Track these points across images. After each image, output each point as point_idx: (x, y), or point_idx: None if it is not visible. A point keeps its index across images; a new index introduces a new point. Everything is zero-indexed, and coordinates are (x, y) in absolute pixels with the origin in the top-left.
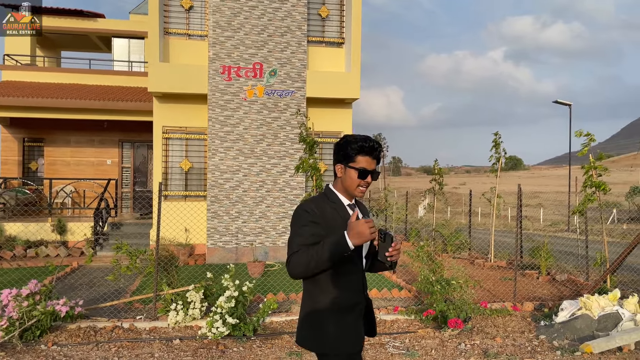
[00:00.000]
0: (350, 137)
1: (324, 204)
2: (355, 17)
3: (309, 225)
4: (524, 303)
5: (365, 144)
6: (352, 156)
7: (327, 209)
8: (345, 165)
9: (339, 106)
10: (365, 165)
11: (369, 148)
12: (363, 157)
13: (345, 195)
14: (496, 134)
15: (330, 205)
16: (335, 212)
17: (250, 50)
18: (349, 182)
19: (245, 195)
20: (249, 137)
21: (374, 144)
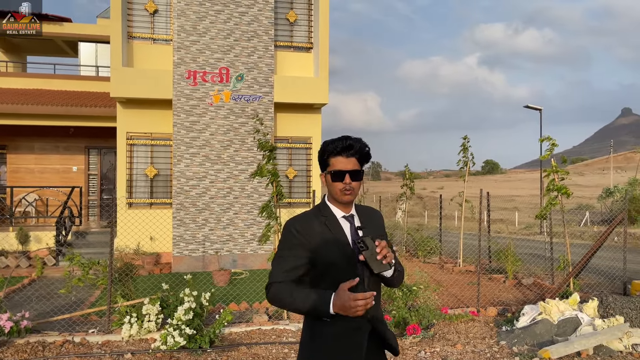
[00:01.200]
0: (325, 142)
1: (313, 219)
2: (323, 22)
3: (293, 250)
4: (487, 308)
5: (333, 145)
6: (326, 161)
7: (315, 225)
8: (324, 172)
9: (308, 111)
10: (340, 167)
11: (340, 148)
12: (336, 158)
13: (338, 206)
14: (465, 138)
15: (321, 219)
16: (325, 227)
17: (217, 54)
18: (331, 188)
19: (212, 202)
20: (215, 143)
21: (344, 143)
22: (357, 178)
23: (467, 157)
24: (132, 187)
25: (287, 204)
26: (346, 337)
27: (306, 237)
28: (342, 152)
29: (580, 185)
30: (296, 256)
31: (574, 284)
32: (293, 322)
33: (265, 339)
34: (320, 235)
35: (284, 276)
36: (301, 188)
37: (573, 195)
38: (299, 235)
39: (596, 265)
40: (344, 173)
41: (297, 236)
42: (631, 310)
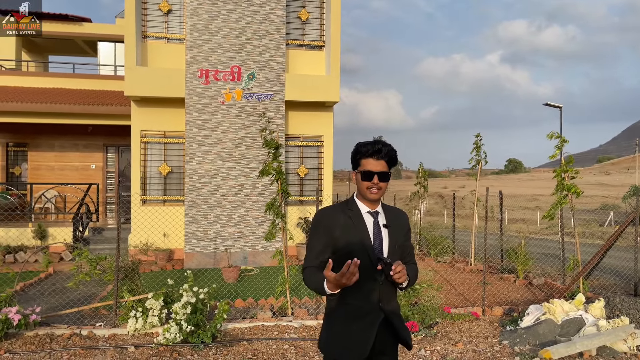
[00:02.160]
0: (357, 144)
1: (339, 212)
2: (335, 20)
3: (319, 237)
4: (493, 308)
5: (365, 148)
6: (358, 161)
7: (340, 217)
8: (355, 171)
9: (319, 109)
10: (369, 168)
11: (371, 151)
12: (366, 160)
13: (364, 202)
14: (477, 136)
15: (347, 213)
16: (350, 220)
17: (228, 53)
18: (359, 186)
19: (223, 200)
20: (227, 141)
21: (375, 146)
22: (385, 179)
23: (480, 155)
24: (146, 185)
25: (298, 201)
26: (357, 318)
27: (330, 226)
28: (373, 155)
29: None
30: (321, 243)
31: (584, 284)
32: (297, 319)
33: (268, 335)
34: (343, 226)
35: (313, 261)
36: (312, 186)
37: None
38: (324, 224)
39: (613, 266)
40: (373, 174)
41: (323, 225)
42: (638, 311)
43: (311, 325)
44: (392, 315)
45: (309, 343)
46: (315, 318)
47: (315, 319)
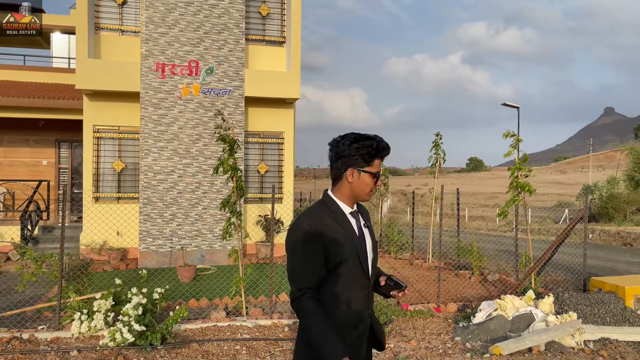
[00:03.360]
0: (360, 138)
1: (324, 217)
2: (295, 16)
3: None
4: (447, 304)
5: (382, 146)
6: (369, 160)
7: (327, 222)
8: (359, 170)
9: (280, 106)
10: (377, 170)
11: (386, 150)
12: (379, 160)
13: (346, 202)
14: (437, 135)
15: (332, 216)
16: (338, 225)
17: (186, 47)
18: (363, 187)
19: (180, 197)
20: (184, 137)
21: (385, 146)
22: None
23: (439, 154)
24: (99, 182)
25: (258, 199)
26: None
27: (322, 233)
28: (385, 154)
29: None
30: (318, 254)
31: (536, 280)
32: (251, 319)
33: (220, 335)
34: (334, 232)
35: (313, 279)
36: (273, 183)
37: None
38: (316, 231)
39: (564, 262)
40: (379, 176)
41: (312, 233)
42: (586, 306)
43: (265, 325)
44: (374, 320)
45: (262, 343)
46: (270, 317)
47: (270, 318)
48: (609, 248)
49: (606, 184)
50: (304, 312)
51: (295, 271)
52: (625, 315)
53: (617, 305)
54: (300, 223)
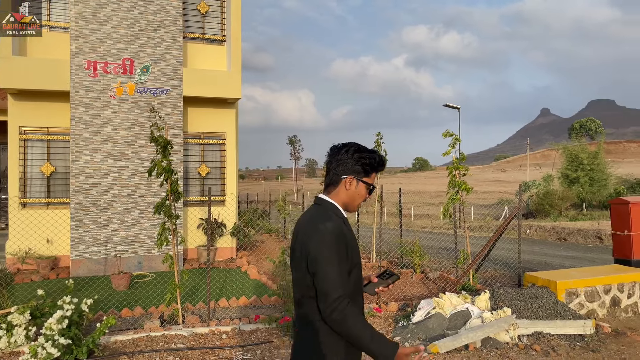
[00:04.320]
0: (363, 149)
1: (341, 223)
2: (235, 15)
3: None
4: (388, 303)
5: (382, 160)
6: (368, 171)
7: (344, 229)
8: (358, 179)
9: (221, 106)
10: (374, 182)
11: (384, 166)
12: (375, 174)
13: (345, 212)
14: (378, 135)
15: (346, 225)
16: (351, 233)
17: (119, 44)
18: (357, 196)
19: (115, 202)
20: (118, 138)
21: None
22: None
23: (381, 154)
24: (26, 186)
25: (199, 201)
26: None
27: (347, 242)
28: (380, 171)
29: (502, 181)
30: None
31: (474, 277)
32: (187, 327)
33: (152, 346)
34: (350, 238)
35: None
36: (215, 185)
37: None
38: (345, 240)
39: (503, 257)
40: (374, 189)
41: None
42: (520, 301)
43: (202, 333)
44: None
45: (197, 352)
46: (207, 325)
47: (207, 325)
48: (545, 243)
49: (542, 182)
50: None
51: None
52: (557, 309)
53: (550, 300)
54: (332, 230)
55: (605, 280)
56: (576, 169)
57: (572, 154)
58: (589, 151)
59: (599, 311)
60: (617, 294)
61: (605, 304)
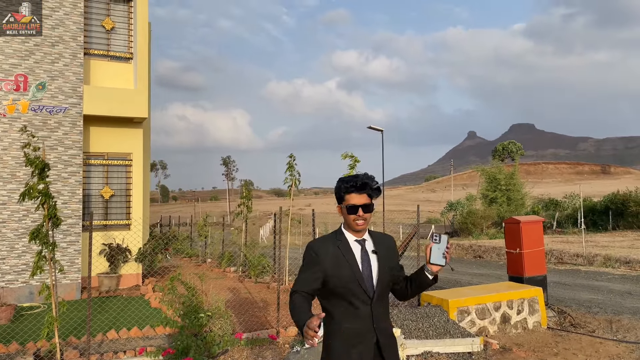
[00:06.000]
0: (340, 180)
1: (329, 243)
2: (142, 32)
3: (310, 266)
4: (288, 328)
5: (347, 184)
6: (342, 196)
7: (329, 248)
8: (340, 205)
9: (127, 125)
10: (353, 202)
11: (353, 186)
12: (350, 195)
13: (351, 232)
14: (291, 156)
15: (336, 243)
16: (338, 250)
17: (12, 59)
18: (346, 218)
19: (3, 227)
20: (9, 159)
21: (357, 181)
22: (368, 210)
23: (294, 175)
24: None
25: (102, 226)
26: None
27: (321, 257)
28: (355, 190)
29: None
30: (312, 271)
31: None
32: None
33: None
34: (333, 256)
35: (301, 286)
36: (120, 209)
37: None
38: (315, 255)
39: None
40: (358, 207)
41: (314, 256)
42: (412, 321)
43: None
44: (384, 336)
45: None
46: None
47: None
48: (462, 261)
49: (465, 202)
50: (290, 301)
51: (297, 278)
52: (447, 328)
53: (441, 319)
54: (308, 246)
55: (495, 298)
56: (494, 189)
57: (490, 175)
58: (506, 172)
59: (490, 328)
60: (507, 310)
61: (496, 321)
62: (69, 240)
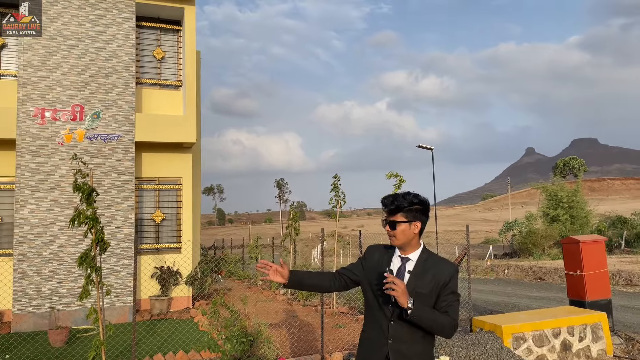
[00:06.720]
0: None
1: (381, 251)
2: (190, 60)
3: (356, 262)
4: (333, 354)
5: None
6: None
7: (377, 254)
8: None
9: (177, 151)
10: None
11: (382, 204)
12: (385, 211)
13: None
14: (336, 177)
15: (386, 253)
16: (381, 259)
17: (69, 91)
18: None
19: (61, 252)
20: (66, 186)
21: (384, 200)
22: (392, 227)
23: (339, 195)
24: None
25: (154, 249)
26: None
27: (367, 259)
28: (384, 207)
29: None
30: (354, 265)
31: None
32: None
33: None
34: (375, 262)
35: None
36: (170, 232)
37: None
38: (364, 256)
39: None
40: (385, 223)
41: (363, 255)
42: (462, 348)
43: None
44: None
45: None
46: None
47: None
48: (520, 283)
49: (525, 221)
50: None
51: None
52: (501, 356)
53: (494, 346)
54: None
55: (554, 324)
56: (556, 207)
57: (551, 193)
58: (568, 189)
59: (549, 356)
60: (567, 337)
61: (556, 349)
62: (122, 264)
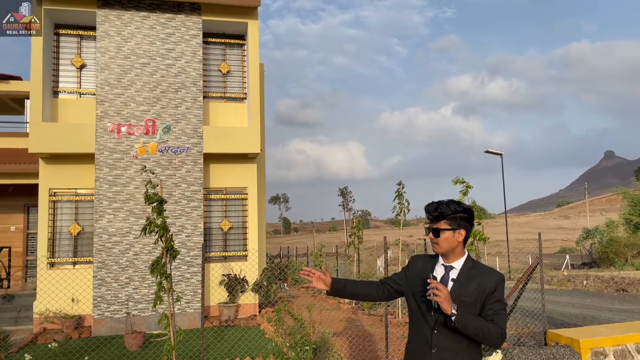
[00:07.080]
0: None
1: (425, 260)
2: (254, 73)
3: (399, 272)
4: None
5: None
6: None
7: (420, 263)
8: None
9: (242, 161)
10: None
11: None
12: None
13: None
14: (399, 184)
15: (428, 261)
16: (425, 268)
17: (142, 107)
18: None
19: (136, 259)
20: (140, 197)
21: (426, 207)
22: (435, 235)
23: (403, 203)
24: (54, 246)
25: (222, 257)
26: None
27: (410, 268)
28: (427, 214)
29: (565, 228)
30: (398, 275)
31: None
32: None
33: None
34: (419, 271)
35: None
36: (237, 241)
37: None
38: (407, 265)
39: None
40: (428, 230)
41: (407, 265)
42: None
43: None
44: None
45: None
46: None
47: None
48: (601, 295)
49: (605, 228)
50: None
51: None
52: None
53: None
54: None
55: (638, 338)
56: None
57: (634, 198)
58: None
59: None
60: None
61: None
62: (191, 272)
